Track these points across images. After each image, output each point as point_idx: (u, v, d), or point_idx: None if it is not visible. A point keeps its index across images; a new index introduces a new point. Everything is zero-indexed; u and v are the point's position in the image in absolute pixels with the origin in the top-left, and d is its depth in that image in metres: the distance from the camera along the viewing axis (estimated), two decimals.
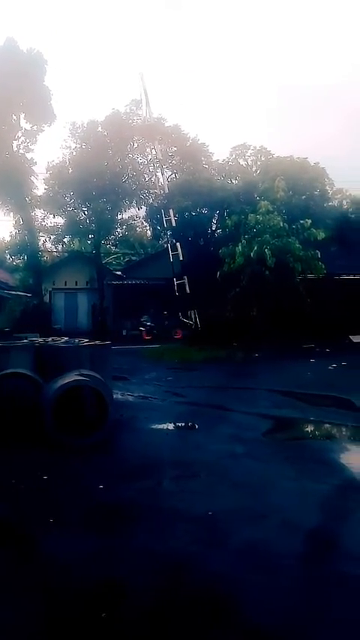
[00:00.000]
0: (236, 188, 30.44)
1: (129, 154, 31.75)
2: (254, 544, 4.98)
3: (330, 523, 5.46)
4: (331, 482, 6.62)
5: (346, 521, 5.52)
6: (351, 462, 7.53)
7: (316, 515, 5.64)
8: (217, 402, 12.03)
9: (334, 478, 6.79)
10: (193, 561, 4.66)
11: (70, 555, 4.78)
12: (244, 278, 23.20)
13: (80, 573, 4.44)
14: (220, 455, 7.83)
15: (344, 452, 8.23)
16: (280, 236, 23.07)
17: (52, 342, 10.52)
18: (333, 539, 5.08)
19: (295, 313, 23.42)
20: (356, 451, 8.42)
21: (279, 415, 10.84)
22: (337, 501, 6.05)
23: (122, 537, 5.15)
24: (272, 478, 6.88)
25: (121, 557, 4.77)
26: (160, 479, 7.03)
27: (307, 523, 5.43)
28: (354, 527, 5.37)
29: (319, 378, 15.63)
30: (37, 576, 4.41)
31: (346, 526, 5.40)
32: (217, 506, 5.85)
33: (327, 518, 5.57)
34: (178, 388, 13.85)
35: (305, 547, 4.91)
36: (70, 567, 4.52)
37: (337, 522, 5.48)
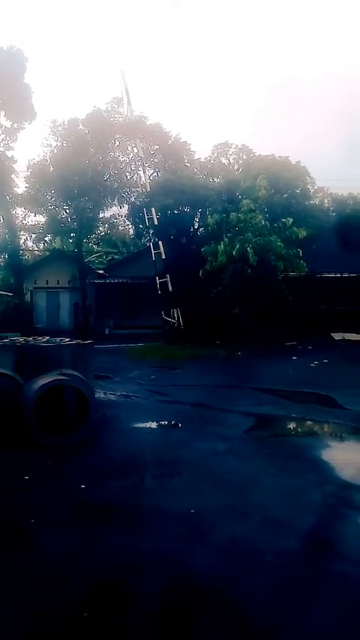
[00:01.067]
0: (218, 186, 30.52)
1: (110, 152, 31.59)
2: (236, 541, 5.02)
3: (310, 519, 5.51)
4: (311, 479, 6.69)
5: (325, 518, 5.58)
6: (331, 459, 7.61)
7: (297, 512, 5.69)
8: (200, 400, 12.05)
9: (315, 475, 6.86)
10: (174, 558, 4.68)
11: (51, 555, 4.77)
12: (227, 276, 23.28)
13: (62, 573, 4.43)
14: (202, 453, 7.86)
15: (325, 448, 8.31)
16: (262, 234, 23.19)
17: (34, 342, 10.44)
18: (313, 535, 5.14)
19: (277, 311, 23.58)
20: (337, 447, 8.50)
21: (261, 412, 10.90)
22: (318, 498, 6.11)
23: (104, 536, 5.15)
24: (254, 475, 6.93)
25: (102, 555, 4.76)
26: (142, 477, 7.04)
27: (287, 520, 5.48)
28: (333, 523, 5.44)
29: (301, 375, 15.75)
30: (19, 576, 4.38)
31: (325, 522, 5.46)
32: (199, 504, 5.87)
33: (307, 515, 5.62)
34: (161, 387, 13.85)
35: (286, 544, 4.95)
36: (51, 567, 4.51)
37: (317, 518, 5.54)
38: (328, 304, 25.81)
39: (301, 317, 24.41)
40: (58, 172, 30.18)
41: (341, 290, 27.76)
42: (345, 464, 7.33)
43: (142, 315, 31.62)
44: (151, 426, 9.89)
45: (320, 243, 32.15)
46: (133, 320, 31.54)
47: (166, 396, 12.66)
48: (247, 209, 24.22)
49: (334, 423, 9.92)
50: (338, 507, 5.79)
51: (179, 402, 11.99)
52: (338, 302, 26.05)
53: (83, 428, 8.30)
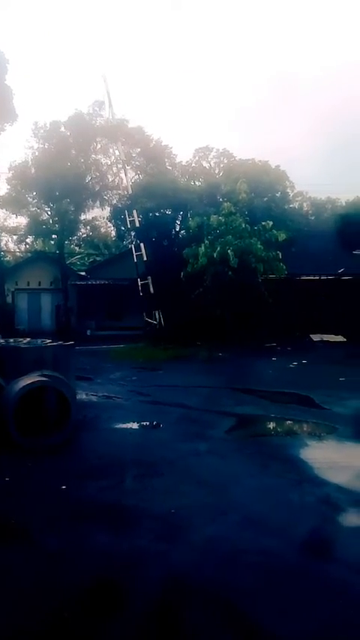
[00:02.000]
0: (199, 189, 30.66)
1: (92, 155, 31.56)
2: (216, 540, 5.08)
3: (289, 518, 5.60)
4: (291, 478, 6.80)
5: (304, 516, 5.68)
6: (310, 458, 7.73)
7: (277, 511, 5.78)
8: (181, 400, 12.12)
9: (295, 474, 6.97)
10: (155, 558, 4.73)
11: (33, 556, 4.79)
12: (208, 278, 23.39)
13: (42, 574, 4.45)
14: (183, 453, 7.92)
15: (304, 448, 8.44)
16: (243, 237, 23.35)
17: (15, 343, 10.42)
18: (292, 534, 5.23)
19: (257, 313, 23.77)
20: (316, 447, 8.63)
21: (241, 413, 11.01)
22: (297, 496, 6.22)
23: (85, 536, 5.17)
24: (234, 475, 7.02)
25: (84, 556, 4.79)
26: (123, 478, 7.07)
27: (267, 519, 5.57)
28: (312, 521, 5.53)
29: (281, 375, 15.92)
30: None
31: (304, 521, 5.56)
32: (180, 504, 5.93)
33: (286, 514, 5.72)
34: (143, 387, 13.89)
35: (266, 542, 5.03)
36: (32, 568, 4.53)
37: (296, 517, 5.64)
38: (307, 306, 26.08)
39: (281, 319, 24.65)
40: (40, 174, 30.07)
41: (320, 292, 28.08)
42: (324, 463, 7.46)
43: (124, 317, 31.62)
44: (132, 426, 9.92)
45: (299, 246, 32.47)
46: (115, 321, 31.52)
47: (147, 396, 12.71)
48: (227, 212, 24.37)
49: (312, 423, 10.07)
50: (317, 506, 5.90)
51: (160, 402, 12.04)
52: (317, 304, 26.35)
53: (64, 429, 8.31)
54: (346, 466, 7.39)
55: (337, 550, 4.88)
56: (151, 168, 32.78)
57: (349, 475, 6.94)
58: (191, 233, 25.88)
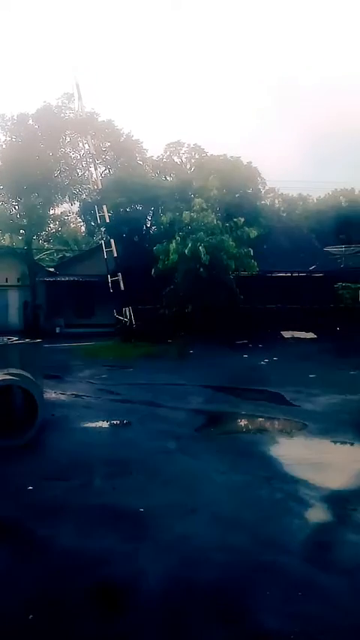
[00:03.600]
0: (171, 185, 30.51)
1: (61, 149, 31.05)
2: (184, 539, 5.04)
3: (258, 515, 5.59)
4: (260, 475, 6.79)
5: (272, 513, 5.67)
6: (280, 454, 7.75)
7: (245, 508, 5.77)
8: (151, 398, 12.03)
9: (264, 471, 6.97)
10: (122, 558, 4.66)
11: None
12: (179, 275, 23.31)
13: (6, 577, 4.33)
14: (152, 451, 7.86)
15: (274, 444, 8.47)
16: (214, 234, 23.34)
17: None
18: (260, 530, 5.21)
19: (228, 310, 23.79)
20: (285, 443, 8.67)
21: (212, 410, 10.99)
22: (266, 493, 6.21)
23: (51, 538, 5.06)
24: (203, 473, 6.98)
25: (49, 558, 4.69)
26: (91, 477, 6.97)
27: (235, 516, 5.56)
28: (280, 517, 5.53)
29: (251, 372, 15.96)
30: None
31: (272, 517, 5.55)
32: (148, 503, 5.87)
33: (255, 511, 5.71)
34: (113, 386, 13.75)
35: (233, 540, 5.00)
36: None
37: (264, 514, 5.63)
38: (279, 303, 26.25)
39: (253, 315, 24.73)
40: (7, 168, 29.45)
41: (291, 289, 28.30)
42: (293, 459, 7.49)
43: (94, 314, 31.30)
44: (101, 425, 9.79)
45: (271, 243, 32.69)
46: (85, 319, 31.16)
47: (117, 395, 12.58)
48: (199, 208, 24.33)
49: (283, 420, 10.11)
50: (285, 502, 5.91)
51: (130, 400, 11.93)
52: (288, 301, 26.54)
53: (31, 429, 8.14)
54: (315, 462, 7.43)
55: (302, 546, 4.87)
56: (121, 162, 32.47)
57: (317, 471, 6.97)
58: (163, 229, 25.74)
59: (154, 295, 24.36)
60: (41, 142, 30.22)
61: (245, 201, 29.75)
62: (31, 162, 29.01)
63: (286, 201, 49.14)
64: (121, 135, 32.63)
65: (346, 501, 5.86)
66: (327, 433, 9.00)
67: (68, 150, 31.53)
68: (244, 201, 29.60)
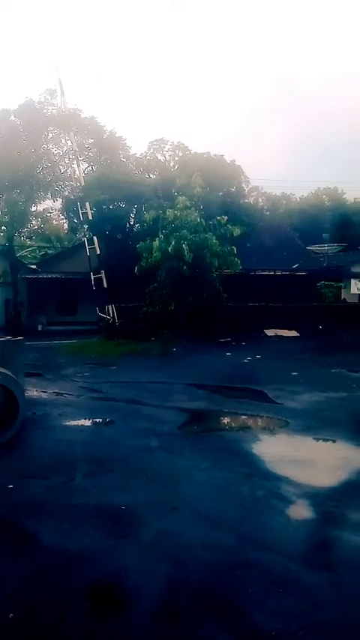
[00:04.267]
0: (154, 183, 30.42)
1: (43, 145, 30.74)
2: (166, 536, 5.03)
3: (239, 512, 5.60)
4: (241, 472, 6.81)
5: (253, 510, 5.68)
6: (262, 452, 7.77)
7: (227, 505, 5.78)
8: (134, 396, 11.99)
9: (245, 468, 6.98)
10: (103, 555, 4.63)
11: None
12: (162, 273, 23.21)
13: None
14: (135, 449, 7.83)
15: (256, 442, 8.47)
16: (198, 232, 23.28)
17: None
18: (241, 527, 5.22)
19: (212, 308, 23.77)
20: (267, 441, 8.69)
21: (194, 408, 10.98)
22: (247, 490, 6.22)
23: (32, 537, 5.02)
24: (186, 470, 6.97)
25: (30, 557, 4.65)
26: (72, 476, 6.91)
27: (217, 513, 5.56)
28: (260, 514, 5.54)
29: (235, 370, 15.99)
30: None
31: (253, 514, 5.56)
32: (130, 500, 5.85)
33: (236, 507, 5.72)
34: (95, 384, 13.67)
35: (215, 536, 5.00)
36: None
37: (245, 511, 5.64)
38: (262, 301, 26.31)
39: (236, 314, 24.75)
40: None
41: (274, 287, 28.42)
42: (274, 457, 7.52)
43: (76, 312, 31.09)
44: (83, 423, 9.72)
45: (254, 241, 32.81)
46: (67, 316, 30.96)
47: (99, 393, 12.51)
48: (182, 206, 24.25)
49: (265, 417, 10.14)
50: (266, 499, 5.92)
51: (113, 398, 11.88)
52: (271, 299, 26.63)
53: (12, 427, 8.04)
54: (296, 459, 7.46)
55: (283, 543, 4.89)
56: (104, 159, 32.25)
57: (299, 468, 7.01)
58: (146, 227, 25.64)
59: (138, 293, 24.26)
60: (23, 138, 29.92)
61: (229, 199, 29.81)
62: (12, 159, 28.70)
63: (270, 199, 49.35)
64: (105, 132, 32.43)
65: (328, 498, 5.90)
66: (309, 430, 9.05)
67: (51, 146, 31.26)
68: (227, 199, 29.65)
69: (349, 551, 4.72)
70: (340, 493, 6.09)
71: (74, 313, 31.09)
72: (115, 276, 24.87)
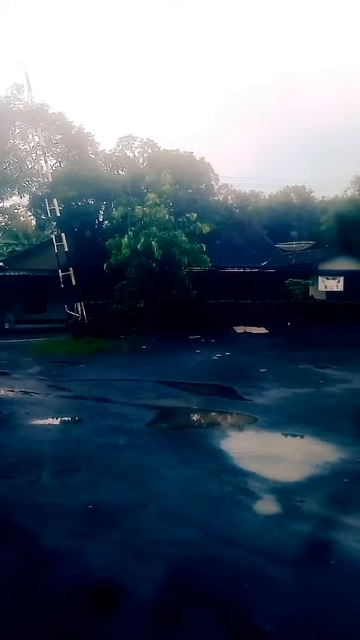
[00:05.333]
0: (123, 179, 30.21)
1: (10, 140, 30.24)
2: (133, 534, 5.01)
3: (207, 508, 5.62)
4: (210, 469, 6.83)
5: (221, 506, 5.71)
6: (230, 448, 7.81)
7: (194, 502, 5.79)
8: (102, 394, 11.90)
9: (214, 464, 7.01)
10: (69, 556, 4.59)
11: None
12: (131, 270, 23.12)
13: None
14: (103, 447, 7.77)
15: (224, 438, 8.52)
16: (167, 229, 23.26)
17: None
18: (208, 524, 5.24)
19: (181, 305, 23.80)
20: (235, 437, 8.75)
21: (163, 405, 10.96)
22: (215, 487, 6.24)
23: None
24: (154, 468, 6.95)
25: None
26: (39, 475, 6.83)
27: (185, 510, 5.57)
28: (228, 511, 5.57)
29: (204, 367, 16.03)
30: None
31: (221, 510, 5.59)
32: (97, 499, 5.82)
33: (204, 504, 5.73)
34: (63, 382, 13.52)
35: (182, 534, 5.01)
36: None
37: (213, 507, 5.66)
38: (231, 298, 26.46)
39: (205, 311, 24.84)
40: None
41: (243, 284, 28.61)
42: (243, 453, 7.58)
43: (45, 310, 30.69)
44: (50, 422, 9.61)
45: (224, 239, 33.01)
46: (35, 314, 30.52)
47: (67, 391, 12.38)
48: (152, 203, 24.18)
49: (233, 414, 10.21)
50: (234, 495, 5.95)
51: (81, 397, 11.77)
52: (240, 296, 26.80)
53: None
54: (264, 455, 7.54)
55: (250, 538, 4.92)
56: (72, 155, 31.89)
57: (266, 464, 7.08)
58: (115, 224, 25.47)
59: (107, 290, 24.11)
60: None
61: (198, 196, 29.85)
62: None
63: (239, 197, 49.66)
64: (73, 127, 32.04)
65: (294, 493, 5.96)
66: (277, 426, 9.14)
67: (17, 142, 30.79)
68: (196, 196, 29.70)
69: (313, 545, 4.78)
70: (307, 488, 6.16)
71: (42, 311, 30.68)
72: (83, 273, 24.66)
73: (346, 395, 11.90)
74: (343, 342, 19.95)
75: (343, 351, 18.50)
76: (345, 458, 7.32)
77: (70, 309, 24.64)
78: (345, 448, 7.70)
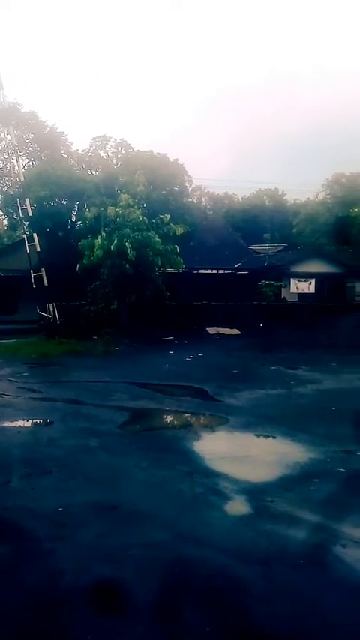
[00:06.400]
0: (96, 180, 30.10)
1: None
2: (103, 536, 4.99)
3: (177, 509, 5.63)
4: (181, 470, 6.84)
5: (192, 507, 5.72)
6: (201, 449, 7.85)
7: (165, 503, 5.80)
8: (74, 396, 11.81)
9: (185, 465, 7.03)
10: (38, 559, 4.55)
11: None
12: (104, 271, 23.01)
13: None
14: (74, 450, 7.72)
15: (196, 440, 8.55)
16: (140, 230, 23.22)
17: None
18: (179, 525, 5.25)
19: (155, 306, 23.79)
20: (207, 438, 8.78)
21: (135, 407, 10.94)
22: (187, 488, 6.25)
23: None
24: (125, 469, 6.94)
25: None
26: (8, 478, 6.73)
27: (156, 511, 5.57)
28: (199, 512, 5.59)
29: (177, 369, 16.06)
30: None
31: (191, 511, 5.60)
32: (68, 502, 5.78)
33: (175, 505, 5.74)
34: (34, 384, 13.37)
35: (152, 535, 5.01)
36: None
37: (184, 508, 5.67)
38: (204, 300, 26.57)
39: (179, 312, 24.88)
40: None
41: (216, 286, 28.74)
42: (214, 453, 7.61)
43: (16, 310, 30.27)
44: (21, 424, 9.49)
45: (197, 240, 33.06)
46: (6, 315, 30.05)
47: (38, 393, 12.25)
48: (125, 204, 24.12)
49: (205, 415, 10.24)
50: (205, 496, 5.97)
51: (52, 399, 11.65)
52: (214, 297, 26.92)
53: None
54: (235, 456, 7.59)
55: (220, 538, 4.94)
56: (45, 155, 31.71)
57: (238, 464, 7.13)
58: (88, 224, 25.32)
59: (80, 291, 23.96)
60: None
61: (172, 197, 29.92)
62: None
63: (213, 199, 49.91)
64: (45, 127, 31.86)
65: (265, 493, 6.01)
66: (248, 427, 9.21)
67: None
68: (170, 197, 29.75)
69: (283, 544, 4.83)
70: (277, 488, 6.22)
71: (14, 312, 30.26)
72: (56, 274, 24.43)
73: (316, 395, 12.06)
74: (315, 344, 20.21)
75: (314, 353, 18.75)
76: (315, 458, 7.42)
77: (42, 310, 24.36)
78: (315, 448, 7.81)
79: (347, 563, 4.49)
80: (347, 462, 7.25)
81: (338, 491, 6.13)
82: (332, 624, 3.69)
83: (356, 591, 4.08)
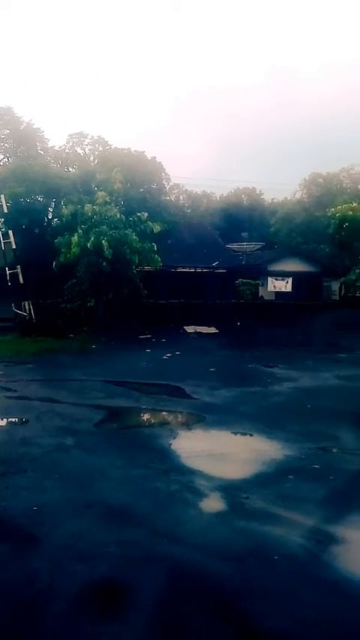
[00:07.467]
0: (73, 177, 29.80)
1: None
2: (78, 535, 4.95)
3: (153, 507, 5.62)
4: (157, 468, 6.83)
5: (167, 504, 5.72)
6: (178, 447, 7.84)
7: (141, 501, 5.78)
8: (50, 395, 11.72)
9: (161, 463, 7.02)
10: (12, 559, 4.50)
11: None
12: (81, 268, 22.87)
13: None
14: (49, 449, 7.65)
15: (172, 438, 8.53)
16: (118, 227, 23.11)
17: None
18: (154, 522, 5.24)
19: (132, 304, 23.71)
20: (184, 436, 8.78)
21: (112, 405, 10.89)
22: (163, 485, 6.24)
23: None
24: (101, 468, 6.90)
25: None
26: None
27: (131, 509, 5.55)
28: (174, 509, 5.59)
29: (154, 367, 16.03)
30: None
31: (167, 509, 5.59)
32: (43, 501, 5.73)
33: (151, 503, 5.72)
34: (9, 382, 13.22)
35: (127, 533, 4.99)
36: None
37: (160, 506, 5.66)
38: (182, 298, 26.58)
39: (156, 310, 24.85)
40: None
41: (194, 284, 28.76)
42: (190, 451, 7.62)
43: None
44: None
45: (175, 238, 33.04)
46: None
47: (13, 392, 12.12)
48: (102, 201, 23.97)
49: (182, 413, 10.25)
50: (180, 493, 5.97)
51: (27, 397, 11.54)
52: (191, 296, 26.95)
53: None
54: (211, 454, 7.61)
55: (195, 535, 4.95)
56: (21, 151, 31.25)
57: (213, 462, 7.15)
58: (64, 222, 25.10)
59: (56, 289, 23.77)
60: None
61: (149, 195, 29.82)
62: None
63: (191, 197, 49.89)
64: (22, 123, 31.41)
65: (240, 490, 6.03)
66: (224, 425, 9.24)
67: None
68: (147, 195, 29.65)
69: (257, 541, 4.85)
70: (252, 485, 6.25)
71: None
72: (32, 271, 24.18)
73: (292, 393, 12.17)
74: (291, 342, 20.40)
75: (291, 351, 18.92)
76: (290, 455, 7.48)
77: (18, 308, 24.09)
78: (290, 445, 7.87)
79: (321, 558, 4.53)
80: (322, 459, 7.33)
81: (313, 488, 6.19)
82: (306, 620, 3.72)
83: (330, 586, 4.12)
